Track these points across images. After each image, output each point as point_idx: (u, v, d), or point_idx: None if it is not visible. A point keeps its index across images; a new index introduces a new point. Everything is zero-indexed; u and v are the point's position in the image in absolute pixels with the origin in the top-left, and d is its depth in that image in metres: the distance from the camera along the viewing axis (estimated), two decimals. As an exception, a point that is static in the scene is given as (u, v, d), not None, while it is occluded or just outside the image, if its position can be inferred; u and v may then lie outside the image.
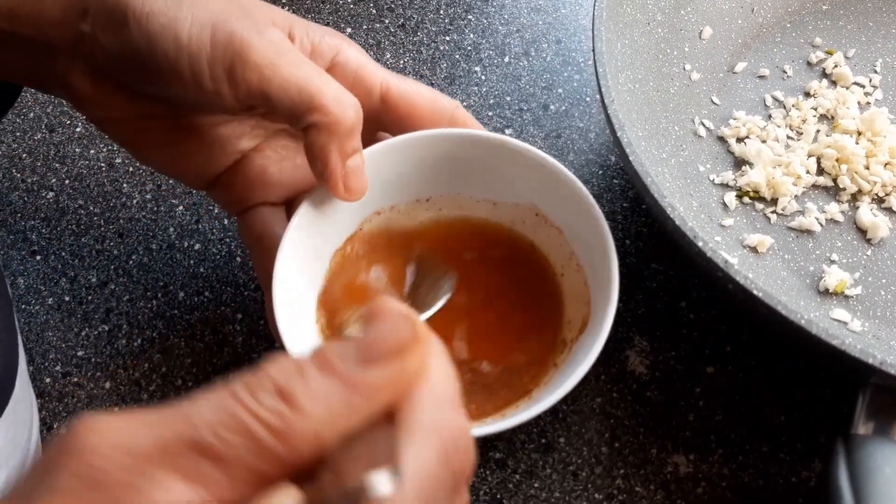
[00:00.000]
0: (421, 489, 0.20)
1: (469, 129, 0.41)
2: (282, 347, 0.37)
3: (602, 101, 0.41)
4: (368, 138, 0.41)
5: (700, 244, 0.36)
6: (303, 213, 0.39)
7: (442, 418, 0.22)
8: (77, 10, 0.36)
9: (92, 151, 0.53)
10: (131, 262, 0.49)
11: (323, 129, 0.36)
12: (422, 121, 0.40)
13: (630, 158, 0.39)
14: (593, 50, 0.42)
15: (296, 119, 0.36)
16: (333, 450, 0.21)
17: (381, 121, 0.41)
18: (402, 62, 0.56)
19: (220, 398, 0.20)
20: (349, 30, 0.58)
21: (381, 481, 0.20)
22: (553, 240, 0.41)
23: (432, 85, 0.55)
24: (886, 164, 0.47)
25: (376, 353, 0.21)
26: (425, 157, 0.41)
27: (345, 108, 0.36)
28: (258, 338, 0.46)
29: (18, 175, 0.52)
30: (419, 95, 0.40)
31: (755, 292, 0.35)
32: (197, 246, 0.49)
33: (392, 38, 0.57)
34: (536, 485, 0.41)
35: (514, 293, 0.42)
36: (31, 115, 0.55)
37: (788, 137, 0.49)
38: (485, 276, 0.42)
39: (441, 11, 0.59)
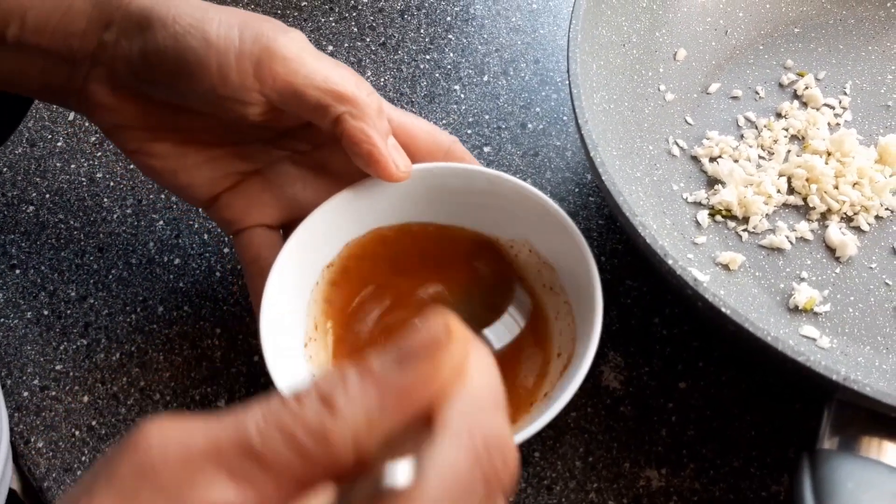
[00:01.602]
0: (445, 488, 0.20)
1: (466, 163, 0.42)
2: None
3: (576, 121, 0.42)
4: None
5: (670, 262, 0.37)
6: (296, 239, 0.40)
7: (477, 420, 0.21)
8: (102, 21, 0.37)
9: (73, 166, 0.54)
10: (111, 276, 0.49)
11: (356, 115, 0.37)
12: (419, 153, 0.41)
13: (603, 178, 0.39)
14: (567, 71, 0.43)
15: (322, 111, 0.37)
16: (375, 453, 0.21)
17: None
18: (382, 80, 0.57)
19: (271, 405, 0.21)
20: (331, 47, 0.59)
21: (399, 471, 0.20)
22: (545, 275, 0.42)
23: (412, 103, 0.56)
24: (855, 184, 0.48)
25: (411, 354, 0.21)
26: (423, 188, 0.42)
27: (368, 94, 0.38)
28: (237, 352, 0.46)
29: (-1, 189, 0.53)
30: (418, 128, 0.41)
31: (723, 310, 0.35)
32: (177, 261, 0.50)
33: (373, 57, 0.58)
34: (511, 499, 0.41)
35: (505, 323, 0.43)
36: (13, 129, 0.55)
37: (760, 157, 0.50)
38: (479, 305, 0.43)
39: (421, 31, 0.59)
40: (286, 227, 0.43)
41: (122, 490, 0.19)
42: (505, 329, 0.40)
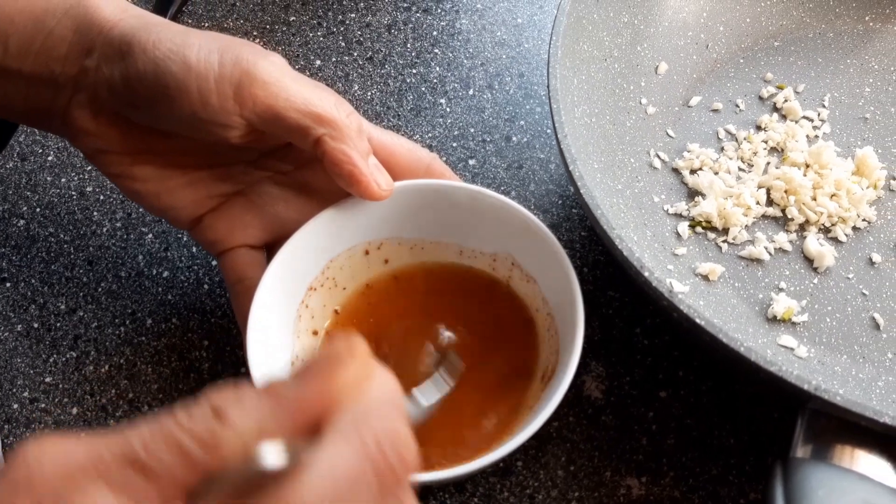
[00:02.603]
0: (328, 478, 0.20)
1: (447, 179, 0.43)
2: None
3: (556, 135, 0.42)
4: None
5: (646, 274, 0.38)
6: (280, 259, 0.40)
7: (368, 420, 0.22)
8: (83, 47, 0.38)
9: (63, 180, 0.54)
10: (100, 289, 0.50)
11: (336, 137, 0.38)
12: (400, 169, 0.42)
13: (581, 191, 0.40)
14: (548, 86, 0.44)
15: (303, 133, 0.38)
16: None
17: None
18: (369, 94, 0.58)
19: (158, 420, 0.21)
20: (318, 62, 0.59)
21: (268, 451, 0.20)
22: (527, 289, 0.43)
23: (398, 116, 0.56)
24: (832, 196, 0.49)
25: (310, 370, 0.22)
26: (406, 205, 0.42)
27: (347, 115, 0.38)
28: (224, 364, 0.47)
29: (-10, 203, 0.53)
30: (398, 146, 0.42)
31: (697, 320, 0.36)
32: (165, 273, 0.50)
33: (360, 71, 0.59)
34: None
35: (490, 339, 0.43)
36: (4, 143, 0.56)
37: (740, 169, 0.51)
38: (462, 322, 0.43)
39: (408, 45, 0.60)
40: (270, 247, 0.44)
41: None
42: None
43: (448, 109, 0.57)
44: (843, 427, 0.36)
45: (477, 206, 0.42)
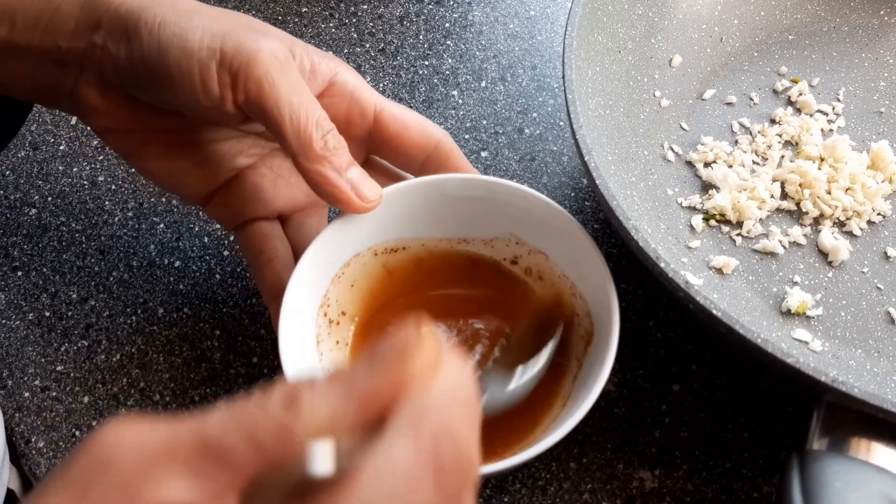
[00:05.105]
0: (381, 480, 0.20)
1: (457, 166, 0.43)
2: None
3: (571, 126, 0.42)
4: (360, 161, 0.43)
5: (662, 265, 0.37)
6: (317, 244, 0.40)
7: (428, 416, 0.21)
8: (91, 23, 0.38)
9: (75, 169, 0.54)
10: (112, 278, 0.50)
11: (311, 158, 0.37)
12: (412, 142, 0.42)
13: (597, 182, 0.40)
14: (563, 77, 0.44)
15: (283, 141, 0.37)
16: None
17: (372, 141, 0.42)
18: (381, 85, 0.58)
19: (233, 405, 0.21)
20: (330, 53, 0.59)
21: (319, 454, 0.20)
22: (541, 263, 0.43)
23: (410, 108, 0.56)
24: (847, 190, 0.49)
25: (380, 357, 0.22)
26: (426, 201, 0.42)
27: (323, 136, 0.37)
28: (236, 354, 0.47)
29: (1, 192, 0.53)
30: (410, 120, 0.42)
31: (714, 312, 0.36)
32: (177, 263, 0.50)
33: (372, 62, 0.59)
34: (506, 499, 0.42)
35: (512, 325, 0.43)
36: (16, 133, 0.56)
37: (754, 163, 0.51)
38: (485, 312, 0.43)
39: (420, 37, 0.60)
40: (283, 220, 0.44)
41: (75, 487, 0.19)
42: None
43: (460, 101, 0.57)
44: (860, 420, 0.36)
45: (491, 197, 0.42)
